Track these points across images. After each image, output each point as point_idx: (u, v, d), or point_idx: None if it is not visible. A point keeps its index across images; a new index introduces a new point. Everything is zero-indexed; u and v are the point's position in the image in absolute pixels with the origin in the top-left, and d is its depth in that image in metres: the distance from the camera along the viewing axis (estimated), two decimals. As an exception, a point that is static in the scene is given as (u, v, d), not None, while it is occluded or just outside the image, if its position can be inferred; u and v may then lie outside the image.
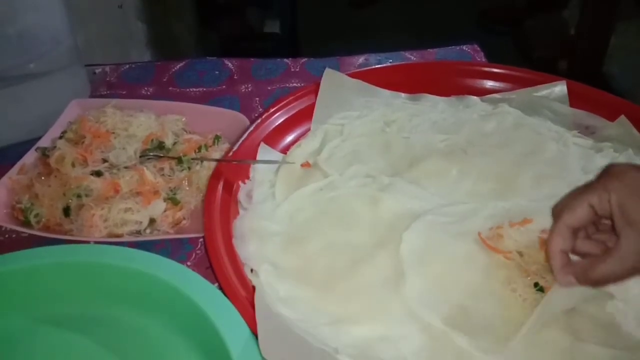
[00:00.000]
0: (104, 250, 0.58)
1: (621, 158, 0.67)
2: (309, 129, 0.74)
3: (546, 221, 0.58)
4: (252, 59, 0.94)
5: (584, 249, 0.49)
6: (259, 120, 0.72)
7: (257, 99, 0.86)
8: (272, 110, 0.74)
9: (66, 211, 0.65)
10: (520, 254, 0.55)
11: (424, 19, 2.42)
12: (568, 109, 0.75)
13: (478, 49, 0.95)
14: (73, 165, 0.67)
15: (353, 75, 0.79)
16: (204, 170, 0.69)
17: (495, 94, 0.79)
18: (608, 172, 0.46)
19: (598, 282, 0.46)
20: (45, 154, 0.69)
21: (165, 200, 0.66)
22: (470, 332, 0.50)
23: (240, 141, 0.69)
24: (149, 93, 0.88)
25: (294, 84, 0.89)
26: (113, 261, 0.56)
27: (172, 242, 0.64)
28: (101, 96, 0.86)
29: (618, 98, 0.75)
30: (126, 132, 0.71)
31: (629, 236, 0.43)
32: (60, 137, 0.71)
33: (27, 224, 0.65)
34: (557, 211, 0.49)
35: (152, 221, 0.65)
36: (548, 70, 0.82)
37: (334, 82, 0.77)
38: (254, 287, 0.54)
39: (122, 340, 0.54)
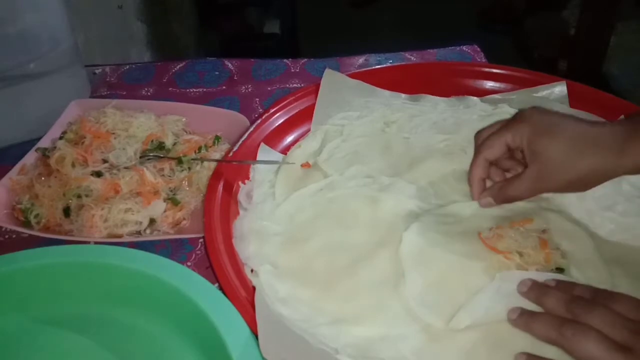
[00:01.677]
0: (104, 250, 0.58)
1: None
2: (309, 130, 0.74)
3: (546, 221, 0.58)
4: (252, 60, 0.94)
5: (495, 177, 0.62)
6: (259, 121, 0.72)
7: (257, 99, 0.86)
8: (272, 110, 0.74)
9: (66, 211, 0.65)
10: (520, 254, 0.55)
11: (424, 19, 2.43)
12: (568, 109, 0.75)
13: (478, 49, 0.95)
14: (73, 165, 0.67)
15: (353, 76, 0.79)
16: (204, 171, 0.69)
17: (495, 95, 0.79)
18: (519, 116, 0.59)
19: (510, 199, 0.59)
20: (45, 154, 0.69)
21: (165, 200, 0.66)
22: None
23: (241, 142, 0.69)
24: (149, 93, 0.88)
25: (294, 85, 0.89)
26: (113, 261, 0.56)
27: (172, 243, 0.64)
28: (101, 96, 0.86)
29: (618, 98, 0.75)
30: (126, 133, 0.71)
31: (533, 163, 0.57)
32: (61, 138, 0.71)
33: (27, 224, 0.65)
34: (478, 145, 0.62)
35: (152, 221, 0.65)
36: (548, 70, 0.82)
37: (334, 82, 0.77)
38: (254, 287, 0.55)
39: (122, 340, 0.54)
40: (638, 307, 0.45)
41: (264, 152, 0.69)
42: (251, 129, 0.71)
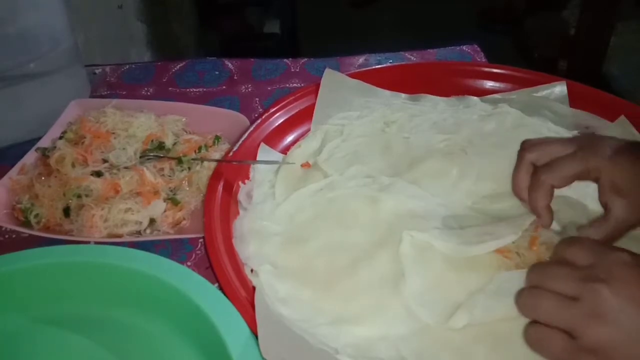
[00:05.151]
0: (104, 250, 0.58)
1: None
2: (309, 130, 0.74)
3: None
4: (252, 59, 0.94)
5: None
6: (259, 121, 0.72)
7: (257, 99, 0.86)
8: (272, 110, 0.74)
9: (66, 211, 0.65)
10: (519, 254, 0.55)
11: (424, 19, 2.43)
12: (568, 109, 0.75)
13: (478, 49, 0.95)
14: (73, 165, 0.67)
15: (353, 76, 0.79)
16: (204, 171, 0.69)
17: (495, 94, 0.79)
18: (594, 148, 0.54)
19: (617, 234, 0.53)
20: (45, 154, 0.69)
21: (165, 200, 0.66)
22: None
23: (241, 141, 0.69)
24: (149, 93, 0.88)
25: (294, 85, 0.89)
26: (113, 261, 0.56)
27: (172, 243, 0.64)
28: (101, 96, 0.86)
29: (618, 98, 0.75)
30: (126, 133, 0.71)
31: (619, 203, 0.52)
32: (60, 138, 0.71)
33: (27, 224, 0.65)
34: (542, 167, 0.55)
35: (152, 221, 0.65)
36: (548, 70, 0.82)
37: (334, 82, 0.77)
38: (254, 287, 0.55)
39: (122, 340, 0.54)
40: (588, 249, 0.45)
41: (264, 152, 0.69)
42: (251, 128, 0.71)
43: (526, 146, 0.57)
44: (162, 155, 0.70)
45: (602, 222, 0.53)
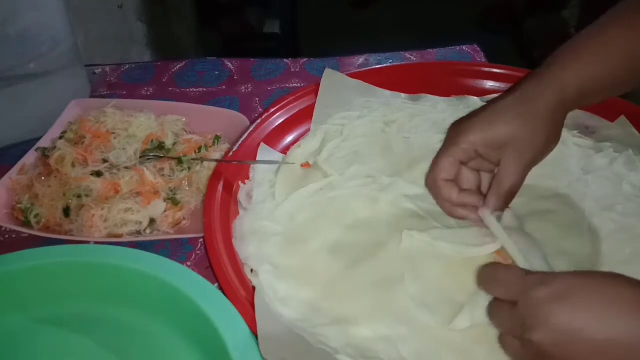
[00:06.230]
0: (104, 250, 0.58)
1: (621, 158, 0.67)
2: (309, 130, 0.74)
3: (545, 221, 0.58)
4: (252, 59, 0.94)
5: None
6: (259, 121, 0.72)
7: (257, 99, 0.86)
8: (272, 110, 0.74)
9: (66, 211, 0.65)
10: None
11: (424, 19, 2.42)
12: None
13: (478, 49, 0.95)
14: (73, 165, 0.67)
15: (353, 76, 0.79)
16: (204, 171, 0.69)
17: (495, 94, 0.79)
18: (459, 132, 0.57)
19: (510, 195, 0.56)
20: (45, 154, 0.69)
21: (165, 200, 0.66)
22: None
23: (241, 141, 0.69)
24: (149, 93, 0.88)
25: (294, 85, 0.89)
26: (113, 261, 0.56)
27: (172, 242, 0.64)
28: (101, 96, 0.86)
29: (618, 98, 0.74)
30: (126, 133, 0.71)
31: (508, 154, 0.55)
32: (60, 138, 0.71)
33: (27, 224, 0.65)
34: (432, 179, 0.58)
35: (152, 221, 0.65)
36: (548, 70, 0.81)
37: (334, 82, 0.77)
38: (254, 287, 0.55)
39: (122, 340, 0.54)
40: (507, 287, 0.46)
41: (264, 152, 0.69)
42: (251, 128, 0.71)
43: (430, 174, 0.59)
44: (162, 155, 0.70)
45: (497, 181, 0.56)
